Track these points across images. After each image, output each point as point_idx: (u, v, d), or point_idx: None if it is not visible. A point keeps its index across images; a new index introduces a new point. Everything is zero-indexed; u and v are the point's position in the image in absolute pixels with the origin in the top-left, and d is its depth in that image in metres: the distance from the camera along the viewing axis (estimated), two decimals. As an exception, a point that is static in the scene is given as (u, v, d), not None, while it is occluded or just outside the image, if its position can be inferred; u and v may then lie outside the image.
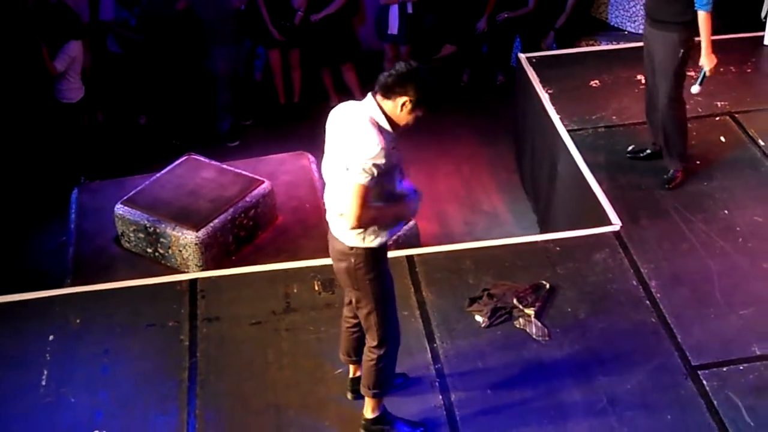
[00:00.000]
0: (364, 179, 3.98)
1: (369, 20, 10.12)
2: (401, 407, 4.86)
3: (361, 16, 10.07)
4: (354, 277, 4.33)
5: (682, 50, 6.09)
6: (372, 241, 4.22)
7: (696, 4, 5.92)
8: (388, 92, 4.06)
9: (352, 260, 4.27)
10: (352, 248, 4.24)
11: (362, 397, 4.76)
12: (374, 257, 4.28)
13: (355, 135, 4.03)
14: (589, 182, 6.55)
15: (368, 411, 4.72)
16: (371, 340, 4.50)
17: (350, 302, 4.59)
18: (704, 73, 6.16)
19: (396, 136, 4.13)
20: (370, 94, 4.13)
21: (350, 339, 4.79)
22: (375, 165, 3.96)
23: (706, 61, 6.09)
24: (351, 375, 4.95)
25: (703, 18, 5.94)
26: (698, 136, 7.01)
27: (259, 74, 10.16)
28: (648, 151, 6.75)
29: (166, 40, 9.04)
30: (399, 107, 4.05)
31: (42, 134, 8.62)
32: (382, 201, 4.17)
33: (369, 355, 4.54)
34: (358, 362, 4.80)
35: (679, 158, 6.52)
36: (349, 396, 4.94)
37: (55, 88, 8.31)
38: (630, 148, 6.81)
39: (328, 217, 4.35)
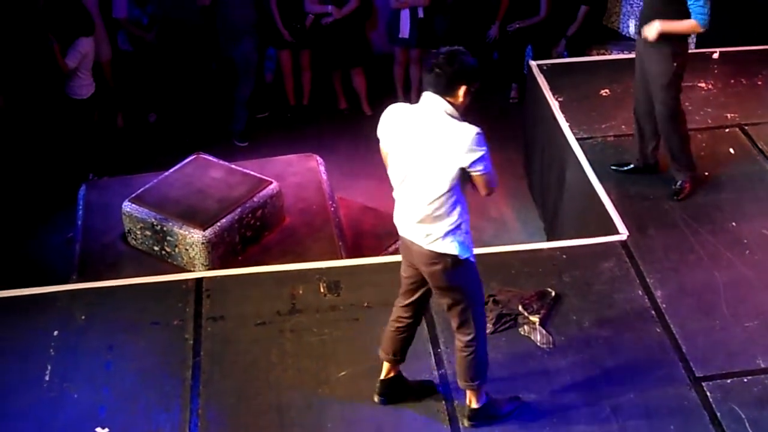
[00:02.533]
0: (490, 166, 4.22)
1: (380, 25, 10.15)
2: (404, 411, 4.87)
3: (373, 20, 10.10)
4: (451, 278, 4.36)
5: (675, 63, 6.05)
6: (460, 250, 4.31)
7: (693, 14, 5.84)
8: (449, 89, 4.15)
9: (448, 260, 4.31)
10: (446, 254, 4.31)
11: (389, 402, 4.87)
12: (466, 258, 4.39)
13: (451, 136, 4.14)
14: (597, 191, 6.54)
15: (474, 401, 4.74)
16: (466, 335, 4.53)
17: (408, 303, 4.63)
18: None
19: None
20: (430, 93, 4.17)
21: (398, 339, 4.76)
22: (487, 149, 4.18)
23: (647, 29, 5.96)
24: (383, 376, 4.89)
25: (691, 23, 5.85)
26: (707, 148, 7.00)
27: (270, 75, 10.17)
28: (631, 165, 6.72)
29: (180, 38, 9.05)
30: (462, 96, 4.17)
31: (52, 130, 8.64)
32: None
33: (466, 350, 4.55)
34: (399, 362, 4.82)
35: (686, 168, 6.52)
36: (377, 399, 4.90)
37: (66, 85, 8.33)
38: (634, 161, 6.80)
39: (408, 225, 4.36)
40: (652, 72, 6.17)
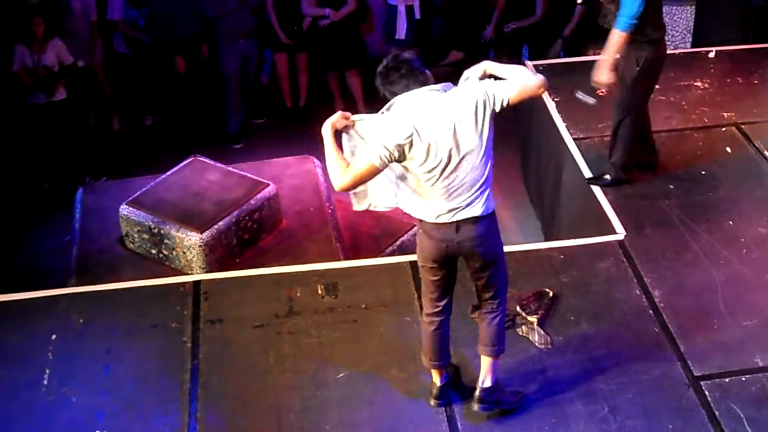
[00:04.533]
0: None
1: (376, 27, 10.15)
2: (401, 412, 4.88)
3: (369, 23, 10.10)
4: (496, 239, 4.50)
5: (637, 67, 6.05)
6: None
7: (616, 22, 5.92)
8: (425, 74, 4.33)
9: (494, 227, 4.46)
10: (492, 212, 4.44)
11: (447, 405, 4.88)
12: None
13: (467, 98, 4.29)
14: (593, 191, 6.54)
15: (488, 379, 4.73)
16: (498, 298, 4.63)
17: (446, 303, 4.63)
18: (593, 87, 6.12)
19: None
20: (426, 87, 4.30)
21: (443, 340, 4.73)
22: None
23: (596, 73, 6.03)
24: (440, 382, 4.85)
25: (615, 35, 5.90)
26: (704, 147, 7.01)
27: (266, 78, 10.18)
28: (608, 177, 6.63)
29: (175, 41, 9.06)
30: None
31: (48, 133, 8.62)
32: None
33: (497, 311, 4.65)
34: (448, 365, 4.84)
35: (620, 167, 6.49)
36: (433, 403, 4.89)
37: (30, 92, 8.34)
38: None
39: (462, 204, 4.32)
40: (621, 70, 6.19)
